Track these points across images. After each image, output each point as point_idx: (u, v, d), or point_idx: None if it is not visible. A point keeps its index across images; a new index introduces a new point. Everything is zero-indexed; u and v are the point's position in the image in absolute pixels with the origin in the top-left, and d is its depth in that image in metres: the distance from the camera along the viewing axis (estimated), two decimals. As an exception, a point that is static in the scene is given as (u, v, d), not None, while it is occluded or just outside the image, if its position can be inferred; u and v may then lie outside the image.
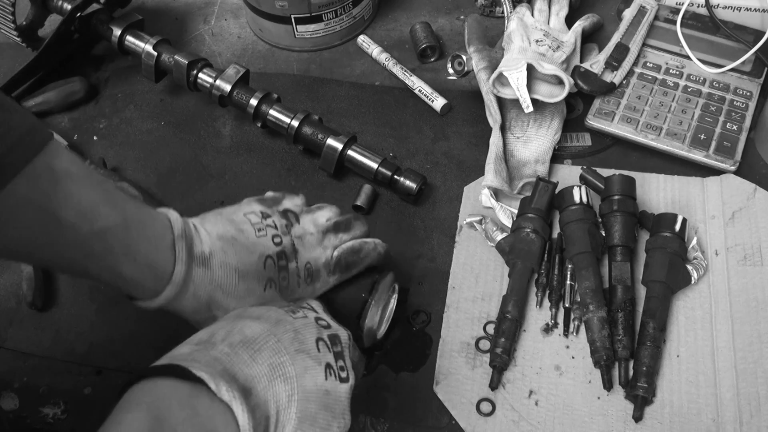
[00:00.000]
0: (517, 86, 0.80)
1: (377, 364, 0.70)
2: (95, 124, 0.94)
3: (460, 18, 1.03)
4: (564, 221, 0.75)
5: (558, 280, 0.72)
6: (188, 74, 0.89)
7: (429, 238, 0.79)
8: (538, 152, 0.83)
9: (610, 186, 0.75)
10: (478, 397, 0.66)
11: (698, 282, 0.72)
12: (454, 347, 0.70)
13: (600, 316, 0.68)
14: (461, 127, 0.89)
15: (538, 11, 0.92)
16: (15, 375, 0.71)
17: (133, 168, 0.88)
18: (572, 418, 0.65)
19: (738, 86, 0.86)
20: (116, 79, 0.99)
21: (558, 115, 0.84)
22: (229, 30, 1.05)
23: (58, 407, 0.69)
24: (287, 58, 1.00)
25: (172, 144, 0.91)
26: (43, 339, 0.73)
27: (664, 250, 0.71)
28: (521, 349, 0.69)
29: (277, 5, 0.94)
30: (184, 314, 0.57)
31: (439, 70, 0.95)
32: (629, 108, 0.84)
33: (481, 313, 0.72)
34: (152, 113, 0.95)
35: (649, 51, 0.90)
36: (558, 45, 0.87)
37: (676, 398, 0.65)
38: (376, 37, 1.01)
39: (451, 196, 0.82)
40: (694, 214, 0.77)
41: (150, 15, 1.03)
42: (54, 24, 0.96)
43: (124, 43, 0.93)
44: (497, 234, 0.75)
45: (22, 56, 0.97)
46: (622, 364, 0.67)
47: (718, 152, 0.80)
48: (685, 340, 0.69)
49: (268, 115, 0.86)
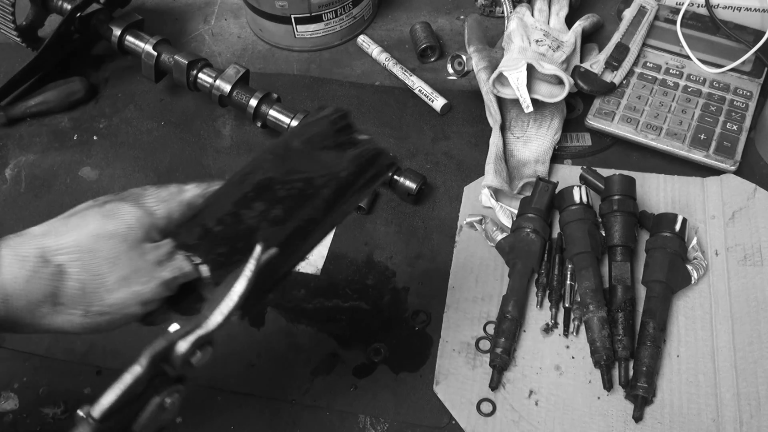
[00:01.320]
0: (517, 86, 0.80)
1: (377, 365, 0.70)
2: (95, 124, 0.94)
3: (460, 18, 1.03)
4: (564, 221, 0.75)
5: (558, 280, 0.72)
6: (188, 74, 0.89)
7: (429, 238, 0.79)
8: (538, 152, 0.83)
9: (610, 186, 0.75)
10: (478, 397, 0.66)
11: (698, 282, 0.72)
12: (454, 347, 0.70)
13: (600, 316, 0.68)
14: (461, 127, 0.89)
15: (538, 11, 0.92)
16: (15, 375, 0.71)
17: (133, 168, 0.88)
18: (572, 418, 0.65)
19: (738, 86, 0.86)
20: (116, 79, 0.99)
21: (558, 115, 0.84)
22: (229, 30, 1.05)
23: (58, 407, 0.69)
24: (287, 58, 1.00)
25: (172, 144, 0.91)
26: (43, 339, 0.73)
27: (664, 250, 0.71)
28: (521, 349, 0.69)
29: (277, 5, 0.94)
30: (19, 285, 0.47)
31: (439, 70, 0.95)
32: (629, 108, 0.84)
33: (481, 313, 0.72)
34: (152, 113, 0.95)
35: (649, 51, 0.90)
36: (558, 45, 0.87)
37: (676, 398, 0.65)
38: (376, 37, 1.01)
39: (451, 196, 0.82)
40: (694, 214, 0.77)
41: (150, 15, 1.03)
42: (54, 24, 0.95)
43: (124, 43, 0.93)
44: (497, 234, 0.75)
45: (22, 56, 0.97)
46: (622, 364, 0.67)
47: (718, 152, 0.80)
48: (685, 340, 0.69)
49: (268, 115, 0.86)
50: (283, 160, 0.54)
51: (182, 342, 0.44)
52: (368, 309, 0.74)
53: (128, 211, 0.49)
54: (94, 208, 0.50)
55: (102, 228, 0.48)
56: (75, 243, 0.47)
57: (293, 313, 0.74)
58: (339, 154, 0.55)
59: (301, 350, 0.71)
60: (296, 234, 0.52)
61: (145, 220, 0.50)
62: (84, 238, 0.48)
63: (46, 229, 0.48)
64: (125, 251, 0.48)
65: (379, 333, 0.72)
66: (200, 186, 0.54)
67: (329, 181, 0.53)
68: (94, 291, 0.47)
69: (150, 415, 0.43)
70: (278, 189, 0.52)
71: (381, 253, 0.78)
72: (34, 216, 0.84)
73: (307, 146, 0.55)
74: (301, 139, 0.55)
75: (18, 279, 0.46)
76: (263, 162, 0.54)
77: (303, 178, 0.53)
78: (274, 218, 0.51)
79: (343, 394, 0.68)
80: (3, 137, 0.93)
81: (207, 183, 0.54)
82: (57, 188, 0.87)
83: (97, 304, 0.47)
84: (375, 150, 0.56)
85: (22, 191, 0.87)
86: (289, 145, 0.55)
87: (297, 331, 0.73)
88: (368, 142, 0.57)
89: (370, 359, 0.70)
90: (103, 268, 0.47)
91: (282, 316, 0.74)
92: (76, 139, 0.92)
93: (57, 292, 0.46)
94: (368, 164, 0.56)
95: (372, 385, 0.69)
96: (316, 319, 0.73)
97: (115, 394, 0.41)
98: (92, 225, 0.48)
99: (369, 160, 0.56)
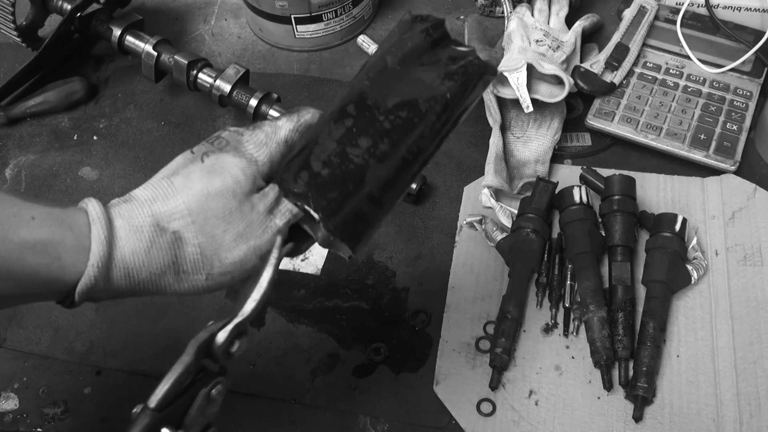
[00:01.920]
0: (517, 86, 0.80)
1: (377, 364, 0.70)
2: (95, 124, 0.94)
3: (460, 18, 1.03)
4: (564, 221, 0.75)
5: (558, 280, 0.72)
6: (188, 74, 0.89)
7: (429, 238, 0.79)
8: (538, 152, 0.83)
9: (610, 186, 0.75)
10: (478, 397, 0.66)
11: (698, 282, 0.72)
12: (454, 347, 0.70)
13: (600, 316, 0.68)
14: (461, 127, 0.88)
15: (538, 11, 0.92)
16: (15, 375, 0.71)
17: (133, 168, 0.88)
18: (572, 418, 0.65)
19: (738, 86, 0.86)
20: (116, 79, 0.99)
21: (558, 115, 0.84)
22: (229, 30, 1.05)
23: (58, 407, 0.69)
24: (287, 58, 1.00)
25: (172, 144, 0.91)
26: (43, 339, 0.73)
27: (664, 250, 0.71)
28: (521, 349, 0.69)
29: (277, 5, 0.94)
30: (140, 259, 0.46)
31: (439, 70, 0.95)
32: (629, 108, 0.84)
33: (481, 313, 0.72)
34: (152, 113, 0.95)
35: (649, 51, 0.90)
36: (558, 45, 0.87)
37: (676, 398, 0.65)
38: (376, 37, 1.01)
39: (451, 196, 0.82)
40: (694, 214, 0.77)
41: (150, 15, 1.03)
42: (54, 24, 0.95)
43: (124, 43, 0.93)
44: (497, 234, 0.75)
45: (22, 56, 0.97)
46: (622, 364, 0.67)
47: (718, 152, 0.80)
48: (685, 340, 0.69)
49: (268, 115, 0.86)
50: (381, 85, 0.50)
51: (221, 333, 0.45)
52: (368, 309, 0.74)
53: (232, 163, 0.47)
54: (196, 164, 0.47)
55: (210, 186, 0.46)
56: (186, 206, 0.46)
57: (293, 313, 0.74)
58: (439, 71, 0.51)
59: (301, 350, 0.71)
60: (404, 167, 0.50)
61: (249, 170, 0.48)
62: (194, 200, 0.46)
63: (153, 193, 0.46)
64: (236, 207, 0.47)
65: (379, 333, 0.72)
66: (291, 119, 0.51)
67: (434, 104, 0.50)
68: (214, 253, 0.46)
69: (199, 407, 0.44)
70: (383, 121, 0.49)
71: (381, 253, 0.78)
72: (34, 216, 0.84)
73: (404, 65, 0.51)
74: (396, 58, 0.51)
75: (138, 252, 0.45)
76: (361, 89, 0.50)
77: (407, 105, 0.49)
78: (382, 154, 0.48)
79: (343, 394, 0.68)
80: (3, 137, 0.93)
81: (296, 114, 0.52)
82: (57, 188, 0.87)
83: (218, 266, 0.47)
84: (479, 64, 0.51)
85: (22, 191, 0.87)
86: (385, 67, 0.51)
87: (297, 331, 0.73)
88: (470, 53, 0.52)
89: (370, 359, 0.70)
90: (218, 229, 0.46)
91: (282, 316, 0.74)
92: (76, 139, 0.92)
93: (177, 260, 0.46)
94: (471, 80, 0.51)
95: (372, 385, 0.69)
96: (316, 319, 0.73)
97: (169, 384, 0.42)
98: (198, 184, 0.46)
99: (472, 75, 0.51)
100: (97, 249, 0.44)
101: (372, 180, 0.48)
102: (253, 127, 0.51)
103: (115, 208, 0.46)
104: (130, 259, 0.45)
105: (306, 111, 0.52)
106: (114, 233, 0.45)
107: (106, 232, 0.44)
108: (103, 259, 0.44)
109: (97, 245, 0.44)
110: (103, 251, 0.44)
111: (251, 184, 0.48)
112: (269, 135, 0.50)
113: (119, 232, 0.45)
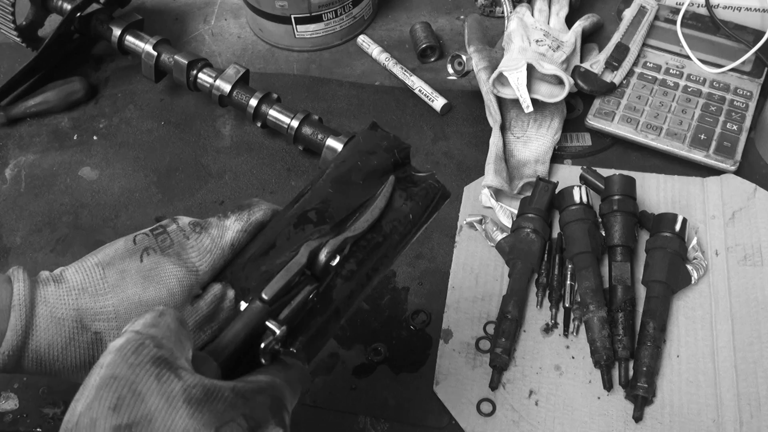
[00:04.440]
0: (517, 86, 0.80)
1: (377, 365, 0.70)
2: (95, 124, 0.94)
3: (460, 18, 1.03)
4: (564, 221, 0.75)
5: (558, 280, 0.72)
6: (188, 74, 0.89)
7: (429, 238, 0.79)
8: (538, 152, 0.83)
9: (610, 186, 0.75)
10: (478, 397, 0.66)
11: (698, 282, 0.72)
12: (454, 347, 0.70)
13: (600, 316, 0.68)
14: (461, 127, 0.89)
15: (538, 11, 0.92)
16: (15, 375, 0.71)
17: (133, 168, 0.88)
18: (572, 418, 0.65)
19: (738, 86, 0.86)
20: (116, 79, 0.99)
21: (558, 115, 0.84)
22: (229, 30, 1.05)
23: (58, 407, 0.69)
24: (287, 58, 1.00)
25: (172, 144, 0.91)
26: (43, 339, 0.73)
27: (664, 250, 0.71)
28: (521, 349, 0.69)
29: (277, 5, 0.94)
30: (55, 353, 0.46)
31: (439, 70, 0.95)
32: (629, 108, 0.84)
33: (481, 313, 0.72)
34: (152, 113, 0.95)
35: (649, 51, 0.90)
36: (558, 45, 0.87)
37: (676, 398, 0.65)
38: (376, 37, 1.01)
39: (451, 196, 0.82)
40: (694, 214, 0.77)
41: (150, 15, 1.03)
42: (54, 24, 0.96)
43: (124, 43, 0.93)
44: (497, 234, 0.75)
45: (22, 56, 0.97)
46: (622, 364, 0.67)
47: (718, 152, 0.80)
48: (685, 340, 0.69)
49: (268, 115, 0.86)
50: (344, 196, 0.51)
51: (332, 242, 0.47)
52: (368, 309, 0.74)
53: (170, 273, 0.46)
54: (134, 261, 0.46)
55: (143, 294, 0.45)
56: (114, 310, 0.45)
57: (293, 313, 0.74)
58: (401, 193, 0.53)
59: (301, 350, 0.71)
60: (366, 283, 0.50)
61: (187, 281, 0.47)
62: (123, 305, 0.45)
63: (83, 282, 0.45)
64: None
65: (379, 333, 0.72)
66: (241, 217, 0.50)
67: (397, 225, 0.51)
68: None
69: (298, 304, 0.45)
70: None
71: (381, 253, 0.78)
72: (34, 216, 0.84)
73: (367, 182, 0.52)
74: (361, 174, 0.53)
75: (55, 346, 0.44)
76: (324, 196, 0.51)
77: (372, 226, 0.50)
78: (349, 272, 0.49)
79: (343, 394, 0.68)
80: (3, 137, 0.93)
81: (247, 212, 0.50)
82: (57, 188, 0.87)
83: None
84: (438, 186, 0.54)
85: (22, 191, 0.87)
86: (350, 180, 0.52)
87: (297, 331, 0.73)
88: (430, 177, 0.54)
89: (370, 359, 0.70)
90: None
91: (282, 316, 0.74)
92: (76, 139, 0.92)
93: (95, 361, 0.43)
94: (431, 201, 0.54)
95: (372, 385, 0.69)
96: (316, 319, 0.73)
97: (284, 281, 0.44)
98: (132, 289, 0.45)
99: (432, 197, 0.54)
100: (11, 337, 0.43)
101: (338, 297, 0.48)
102: (200, 228, 0.49)
103: (41, 289, 0.45)
104: (45, 351, 0.44)
105: (258, 208, 0.51)
106: (33, 321, 0.43)
107: (24, 321, 0.43)
108: (14, 349, 0.43)
109: (12, 334, 0.43)
110: (15, 341, 0.43)
111: (186, 295, 0.47)
112: (215, 240, 0.49)
113: (39, 321, 0.44)
